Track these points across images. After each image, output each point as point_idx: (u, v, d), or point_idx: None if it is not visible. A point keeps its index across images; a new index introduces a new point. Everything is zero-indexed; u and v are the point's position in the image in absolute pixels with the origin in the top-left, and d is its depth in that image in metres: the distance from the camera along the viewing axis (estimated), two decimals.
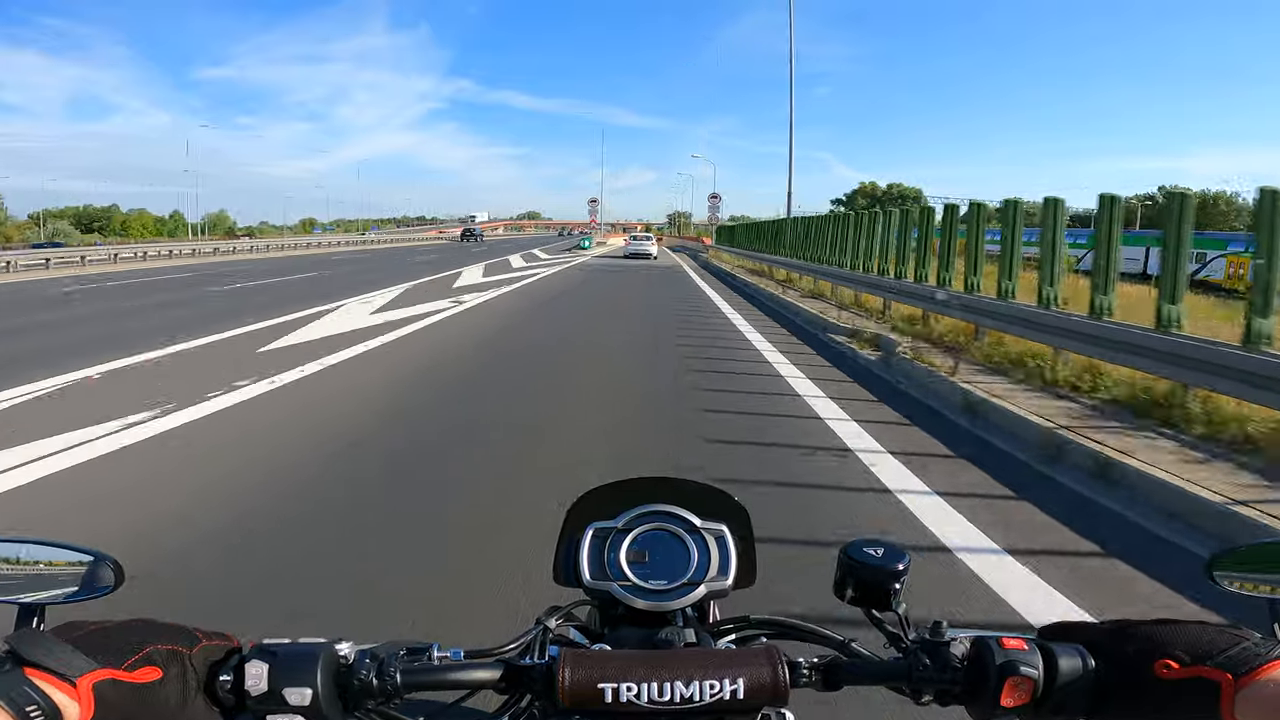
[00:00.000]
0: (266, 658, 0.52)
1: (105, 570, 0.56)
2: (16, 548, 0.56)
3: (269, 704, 0.51)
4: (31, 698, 0.44)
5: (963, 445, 4.66)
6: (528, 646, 0.62)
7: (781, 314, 12.67)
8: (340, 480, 3.79)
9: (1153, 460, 4.11)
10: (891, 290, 11.24)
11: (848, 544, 0.67)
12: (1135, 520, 3.50)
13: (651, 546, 0.74)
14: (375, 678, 0.54)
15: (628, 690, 0.51)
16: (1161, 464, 4.04)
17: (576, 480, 1.00)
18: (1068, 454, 4.39)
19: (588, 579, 0.72)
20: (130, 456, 4.09)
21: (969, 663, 0.56)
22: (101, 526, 3.12)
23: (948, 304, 8.92)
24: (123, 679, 0.48)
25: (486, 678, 0.57)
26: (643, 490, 0.79)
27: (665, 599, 0.71)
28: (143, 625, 0.52)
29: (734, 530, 0.76)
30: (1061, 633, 0.59)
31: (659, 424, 5.09)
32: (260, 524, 3.18)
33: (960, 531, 3.17)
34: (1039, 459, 4.41)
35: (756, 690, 0.52)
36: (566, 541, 0.77)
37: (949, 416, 5.49)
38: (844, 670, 0.59)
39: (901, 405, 5.82)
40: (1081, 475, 4.11)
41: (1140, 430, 4.83)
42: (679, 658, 0.55)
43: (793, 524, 3.14)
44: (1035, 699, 0.54)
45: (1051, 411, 5.28)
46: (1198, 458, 4.25)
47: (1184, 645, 0.52)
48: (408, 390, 6.18)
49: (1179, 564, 2.90)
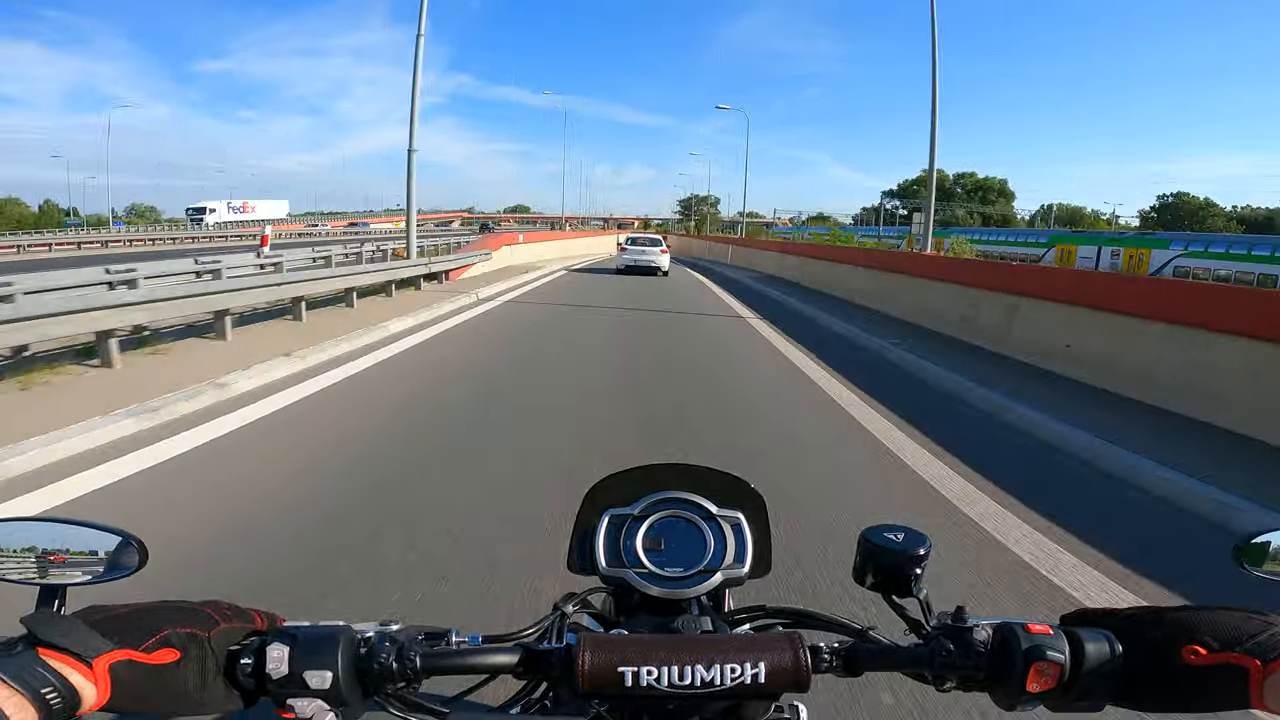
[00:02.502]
0: (287, 640, 0.51)
1: (129, 551, 0.56)
2: (39, 527, 0.55)
3: (290, 687, 0.51)
4: (47, 679, 0.44)
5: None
6: (545, 631, 0.62)
7: None
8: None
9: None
10: None
11: (867, 529, 0.66)
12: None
13: (667, 533, 0.73)
14: (395, 661, 0.53)
15: (648, 674, 0.51)
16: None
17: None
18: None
19: (604, 566, 0.72)
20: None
21: (993, 648, 0.56)
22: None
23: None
24: (140, 660, 0.47)
25: (505, 662, 0.57)
26: (659, 477, 0.79)
27: (681, 586, 0.70)
28: (163, 607, 0.52)
29: (750, 518, 0.75)
30: (1085, 619, 0.58)
31: None
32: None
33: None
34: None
35: (778, 675, 0.52)
36: (582, 528, 0.77)
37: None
38: (866, 656, 0.58)
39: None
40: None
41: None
42: (699, 642, 0.54)
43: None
44: (1061, 684, 0.53)
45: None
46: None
47: (1212, 631, 0.51)
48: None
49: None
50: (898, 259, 13.00)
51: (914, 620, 0.62)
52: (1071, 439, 4.46)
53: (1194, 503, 3.48)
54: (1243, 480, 3.59)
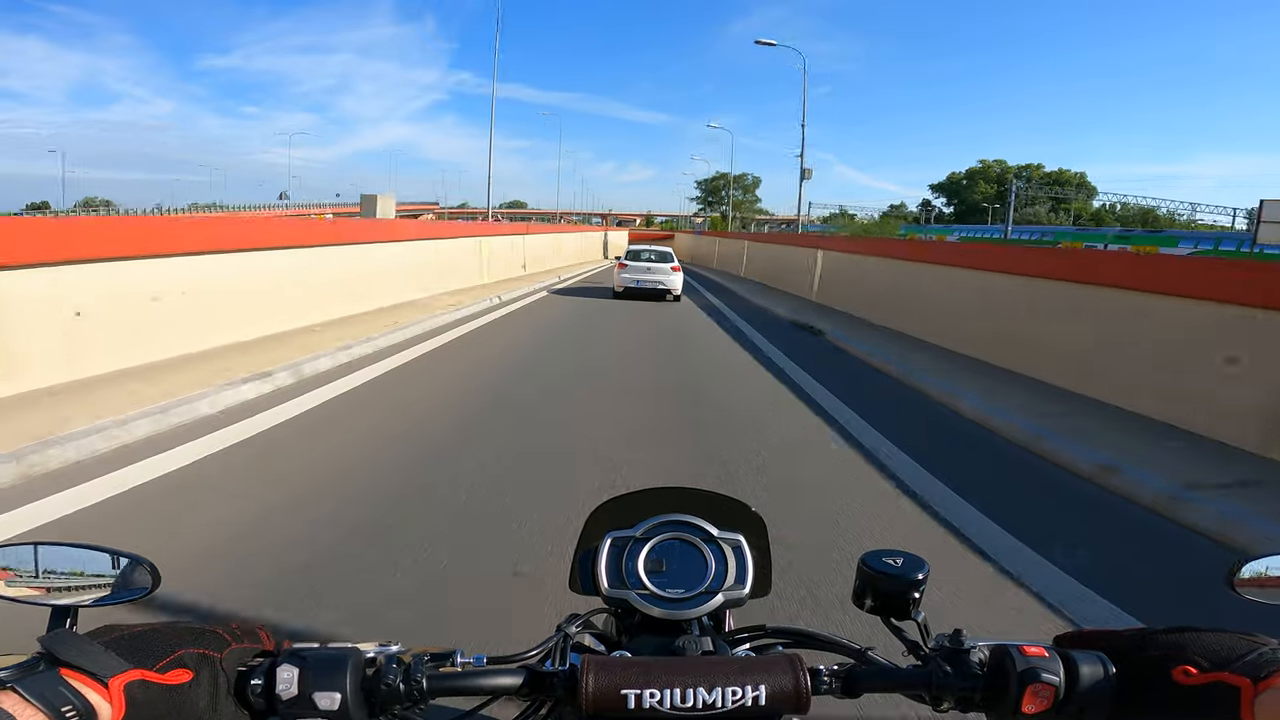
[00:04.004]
0: (296, 662, 0.52)
1: (142, 574, 0.57)
2: (53, 551, 0.57)
3: (298, 708, 0.52)
4: (66, 697, 0.45)
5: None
6: (549, 653, 0.63)
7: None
8: None
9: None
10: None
11: (866, 554, 0.67)
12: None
13: (669, 555, 0.74)
14: (402, 683, 0.54)
15: (650, 696, 0.52)
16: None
17: None
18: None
19: (606, 587, 0.73)
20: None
21: (989, 670, 0.57)
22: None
23: None
24: (154, 680, 0.49)
25: (509, 683, 0.58)
26: (660, 500, 0.80)
27: (682, 608, 0.71)
28: (176, 628, 0.53)
29: (751, 540, 0.77)
30: (1079, 640, 0.59)
31: None
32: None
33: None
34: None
35: (778, 697, 0.53)
36: (584, 550, 0.78)
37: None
38: (864, 678, 0.59)
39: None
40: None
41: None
42: (701, 664, 0.55)
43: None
44: (1056, 705, 0.54)
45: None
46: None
47: (1203, 651, 0.52)
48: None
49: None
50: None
51: (912, 642, 0.63)
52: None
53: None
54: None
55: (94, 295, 5.06)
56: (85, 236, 5.31)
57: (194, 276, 6.07)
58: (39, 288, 4.65)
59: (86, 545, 0.58)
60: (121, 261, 5.35)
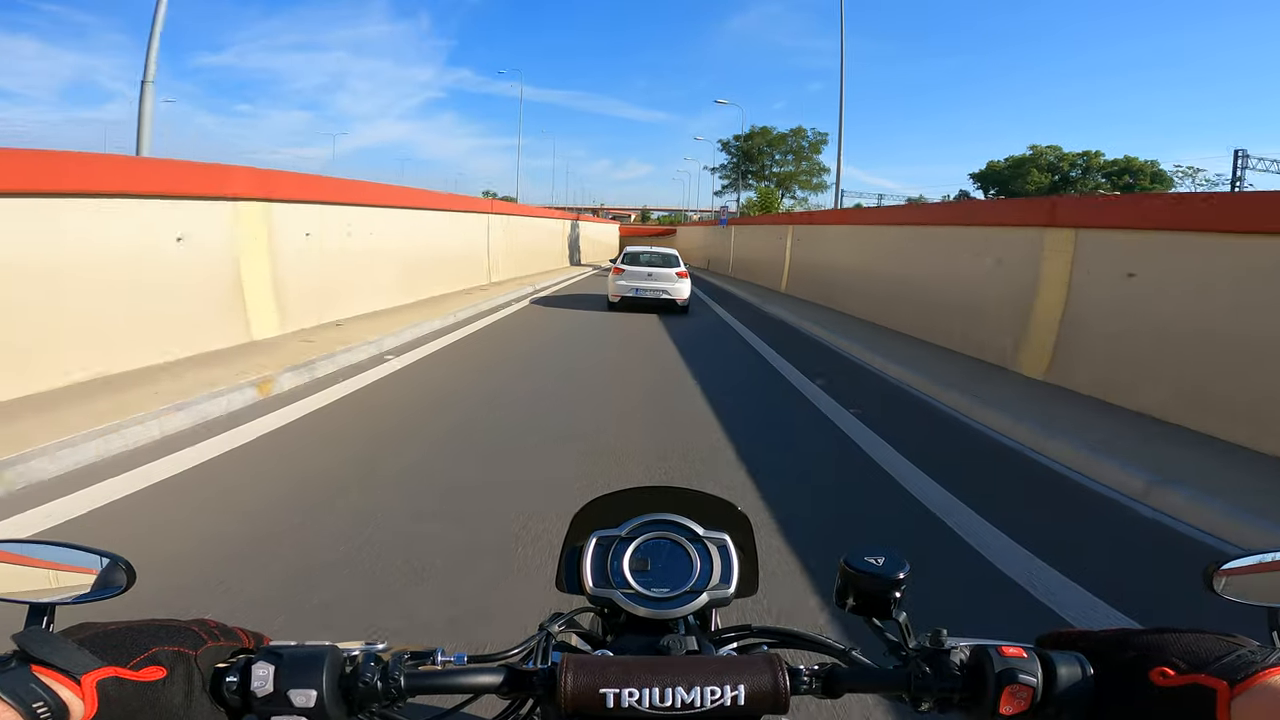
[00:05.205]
0: (272, 659, 0.52)
1: (117, 572, 0.57)
2: (29, 548, 0.56)
3: (274, 705, 0.51)
4: (38, 694, 0.45)
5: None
6: (531, 651, 0.63)
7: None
8: None
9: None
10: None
11: (848, 553, 0.67)
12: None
13: (654, 555, 0.74)
14: (380, 680, 0.54)
15: (629, 695, 0.52)
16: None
17: None
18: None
19: (591, 586, 0.73)
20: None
21: (968, 671, 0.57)
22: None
23: None
24: (127, 677, 0.48)
25: (489, 682, 0.57)
26: (646, 499, 0.80)
27: (667, 607, 0.71)
28: (151, 626, 0.52)
29: (736, 539, 0.77)
30: (1059, 641, 0.59)
31: None
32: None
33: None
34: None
35: (757, 697, 0.53)
36: (570, 549, 0.78)
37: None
38: (844, 678, 0.59)
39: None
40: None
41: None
42: (680, 664, 0.55)
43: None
44: (1034, 706, 0.54)
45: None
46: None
47: (1181, 653, 0.52)
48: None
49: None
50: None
51: (893, 642, 0.63)
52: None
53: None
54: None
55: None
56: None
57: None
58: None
59: (66, 544, 0.57)
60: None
